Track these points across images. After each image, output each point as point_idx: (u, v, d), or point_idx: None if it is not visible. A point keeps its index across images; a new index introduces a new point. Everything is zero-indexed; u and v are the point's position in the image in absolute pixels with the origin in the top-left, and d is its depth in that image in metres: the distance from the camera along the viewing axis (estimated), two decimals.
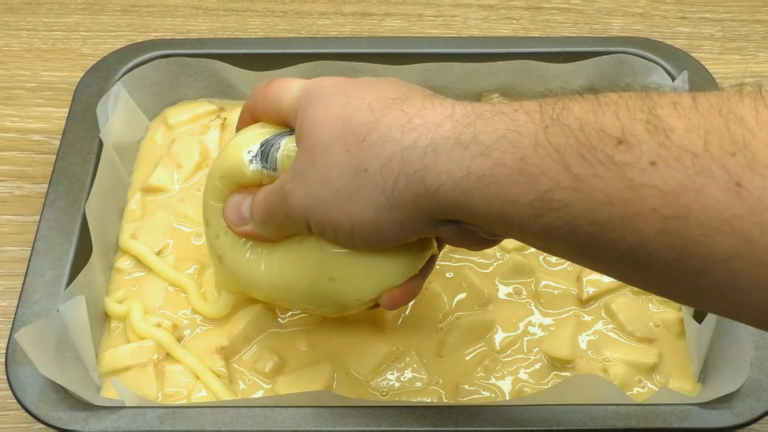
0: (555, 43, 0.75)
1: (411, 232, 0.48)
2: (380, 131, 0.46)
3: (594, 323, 0.62)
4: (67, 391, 0.55)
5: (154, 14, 0.87)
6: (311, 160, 0.48)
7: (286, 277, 0.54)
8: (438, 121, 0.45)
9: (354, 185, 0.46)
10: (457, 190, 0.43)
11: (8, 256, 0.70)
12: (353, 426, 0.54)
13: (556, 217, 0.40)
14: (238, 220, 0.54)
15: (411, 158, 0.44)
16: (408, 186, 0.45)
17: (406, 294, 0.52)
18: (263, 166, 0.53)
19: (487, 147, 0.42)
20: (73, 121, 0.69)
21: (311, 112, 0.49)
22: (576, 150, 0.39)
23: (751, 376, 0.55)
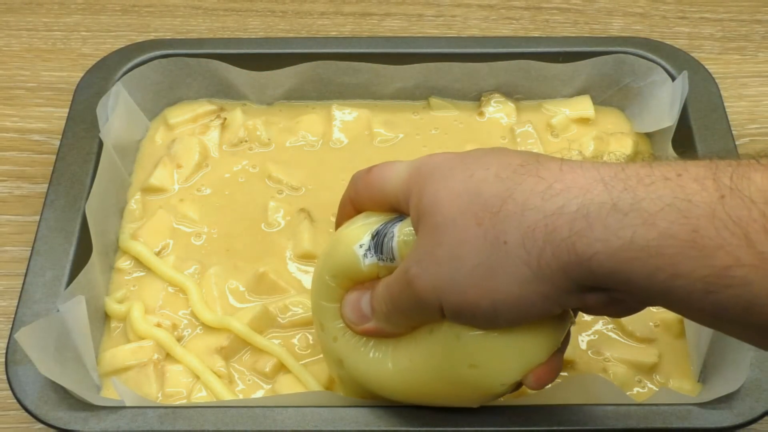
0: (555, 43, 0.75)
1: (557, 304, 0.44)
2: (516, 200, 0.43)
3: (594, 323, 0.62)
4: (67, 391, 0.55)
5: (154, 14, 0.87)
6: (438, 239, 0.45)
7: (418, 372, 0.50)
8: (586, 186, 0.42)
9: (493, 260, 0.43)
10: (615, 260, 0.40)
11: (8, 256, 0.70)
12: (353, 426, 0.54)
13: (733, 295, 0.38)
14: (359, 318, 0.51)
15: (557, 225, 0.42)
16: (555, 256, 0.42)
17: (552, 371, 0.49)
18: (379, 258, 0.50)
19: (651, 215, 0.39)
20: (73, 121, 0.69)
21: (429, 189, 0.46)
22: (761, 225, 0.37)
23: (751, 376, 0.55)
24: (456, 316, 0.46)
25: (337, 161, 0.71)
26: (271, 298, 0.63)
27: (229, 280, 0.64)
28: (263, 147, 0.72)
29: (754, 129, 0.78)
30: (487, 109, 0.74)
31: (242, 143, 0.72)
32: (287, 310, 0.62)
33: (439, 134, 0.73)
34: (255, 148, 0.72)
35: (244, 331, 0.60)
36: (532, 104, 0.75)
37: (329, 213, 0.68)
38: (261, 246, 0.66)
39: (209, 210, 0.68)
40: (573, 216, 0.41)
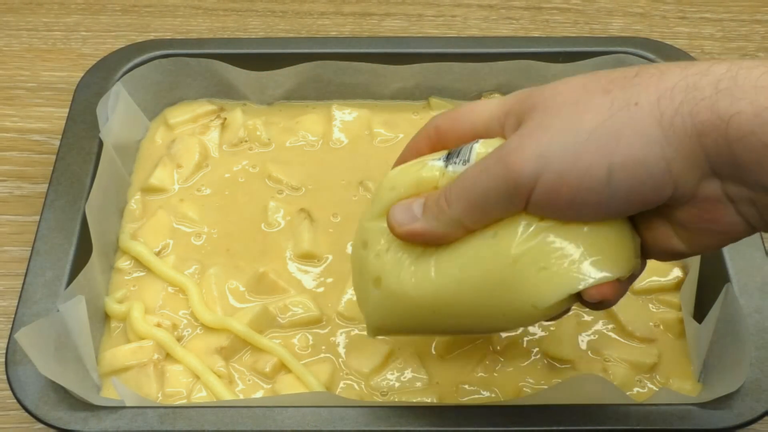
0: (555, 43, 0.75)
1: (674, 182, 0.41)
2: (653, 69, 0.42)
3: (594, 323, 0.62)
4: (67, 391, 0.55)
5: (154, 14, 0.87)
6: (553, 113, 0.42)
7: (469, 281, 0.45)
8: (731, 59, 0.41)
9: (619, 121, 0.41)
10: (759, 119, 0.38)
11: (8, 256, 0.70)
12: (353, 426, 0.54)
13: None
14: (407, 217, 0.46)
15: (700, 85, 0.40)
16: (692, 114, 0.40)
17: (614, 293, 0.45)
18: (453, 162, 0.46)
19: None
20: (73, 121, 0.69)
21: (542, 91, 0.44)
22: None
23: (751, 376, 0.55)
24: (554, 194, 0.42)
25: (337, 161, 0.71)
26: (271, 298, 0.63)
27: (229, 280, 0.64)
28: (263, 147, 0.72)
29: None
30: None
31: (242, 143, 0.72)
32: (287, 310, 0.62)
33: None
34: (255, 148, 0.72)
35: (245, 332, 0.60)
36: None
37: (329, 213, 0.68)
38: (261, 246, 0.66)
39: (209, 210, 0.68)
40: (720, 76, 0.40)
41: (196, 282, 0.64)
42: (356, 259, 0.51)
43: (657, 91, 0.41)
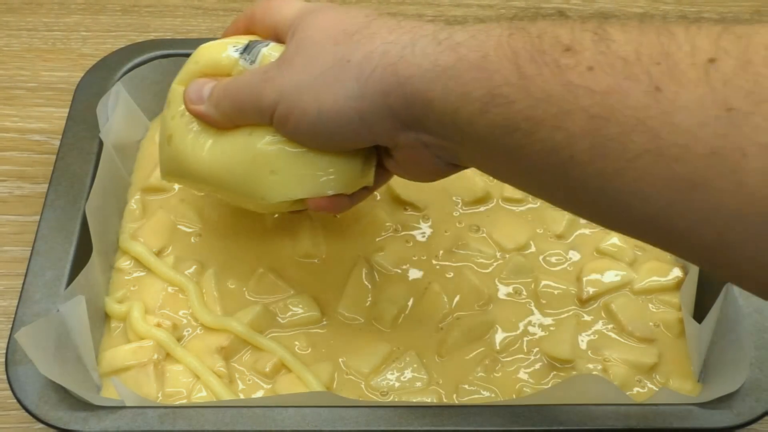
0: None
1: (368, 130, 0.50)
2: (370, 30, 0.50)
3: (594, 323, 0.62)
4: (67, 391, 0.55)
5: (154, 14, 0.87)
6: (299, 50, 0.51)
7: (228, 164, 0.55)
8: (420, 25, 0.49)
9: (333, 73, 0.49)
10: (423, 81, 0.46)
11: (8, 256, 0.70)
12: (353, 426, 0.54)
13: (499, 113, 0.43)
14: (196, 97, 0.56)
15: (391, 52, 0.48)
16: (382, 77, 0.48)
17: (332, 205, 0.56)
18: (243, 57, 0.55)
19: (458, 44, 0.46)
20: (73, 121, 0.69)
21: (311, 17, 0.53)
22: (529, 53, 0.43)
23: (751, 376, 0.55)
24: (282, 120, 0.52)
25: None
26: (271, 298, 0.63)
27: (229, 280, 0.64)
28: None
29: None
30: None
31: None
32: (287, 310, 0.62)
33: None
34: None
35: (245, 332, 0.60)
36: None
37: None
38: (261, 246, 0.66)
39: (209, 210, 0.68)
40: (404, 44, 0.48)
41: (195, 282, 0.64)
42: (163, 115, 0.60)
43: (363, 53, 0.49)
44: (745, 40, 0.38)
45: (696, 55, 0.39)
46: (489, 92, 0.44)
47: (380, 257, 0.65)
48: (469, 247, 0.66)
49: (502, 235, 0.66)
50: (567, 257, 0.65)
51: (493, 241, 0.66)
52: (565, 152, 0.42)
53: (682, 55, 0.39)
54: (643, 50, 0.40)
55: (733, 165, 0.37)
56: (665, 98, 0.38)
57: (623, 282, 0.64)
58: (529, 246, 0.66)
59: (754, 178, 0.36)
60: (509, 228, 0.66)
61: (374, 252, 0.65)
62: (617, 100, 0.40)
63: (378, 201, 0.68)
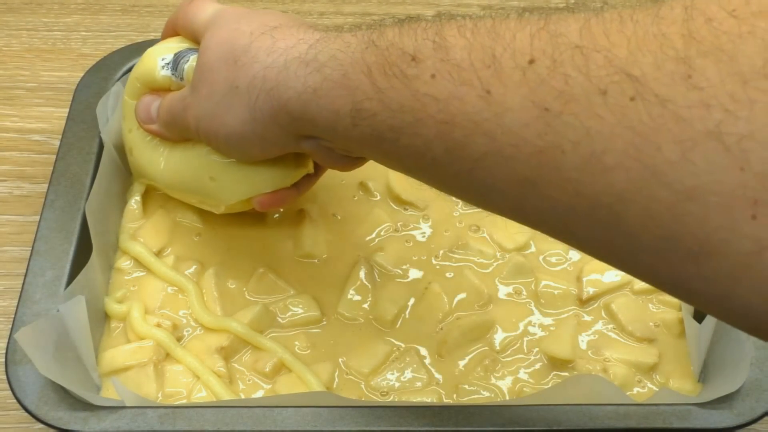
0: None
1: (274, 145, 0.55)
2: (250, 53, 0.53)
3: (594, 323, 0.62)
4: (67, 391, 0.55)
5: (154, 14, 0.87)
6: (201, 77, 0.55)
7: (179, 173, 0.62)
8: (292, 44, 0.51)
9: (227, 100, 0.53)
10: (299, 102, 0.50)
11: (8, 256, 0.70)
12: (353, 426, 0.54)
13: (367, 125, 0.46)
14: (147, 119, 0.62)
15: (269, 76, 0.51)
16: (266, 101, 0.51)
17: (274, 200, 0.60)
18: (173, 74, 0.60)
19: (322, 65, 0.49)
20: (73, 121, 0.69)
21: (209, 33, 0.56)
22: (381, 66, 0.45)
23: (751, 376, 0.55)
24: (206, 141, 0.58)
25: None
26: (271, 298, 0.63)
27: (229, 280, 0.64)
28: None
29: None
30: None
31: None
32: (287, 310, 0.62)
33: None
34: None
35: (245, 332, 0.60)
36: None
37: (329, 213, 0.68)
38: (261, 246, 0.66)
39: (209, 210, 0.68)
40: (279, 69, 0.51)
41: (195, 282, 0.64)
42: (121, 127, 0.66)
43: (247, 79, 0.52)
44: (555, 39, 0.39)
45: (517, 57, 0.40)
46: (354, 108, 0.46)
47: (380, 257, 0.65)
48: (469, 247, 0.66)
49: (502, 235, 0.66)
50: (567, 257, 0.65)
51: (493, 241, 0.66)
52: (428, 156, 0.44)
53: (507, 57, 0.40)
54: (475, 55, 0.41)
55: (556, 162, 0.38)
56: (495, 101, 0.40)
57: (623, 282, 0.64)
58: (529, 246, 0.66)
59: (574, 174, 0.38)
60: (509, 228, 0.66)
61: (374, 252, 0.65)
62: (456, 106, 0.41)
63: (378, 201, 0.69)
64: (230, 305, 0.63)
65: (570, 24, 0.39)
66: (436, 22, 0.45)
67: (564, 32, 0.39)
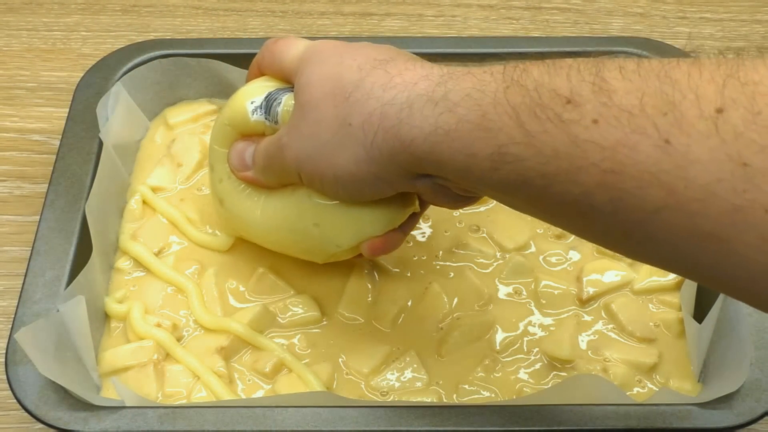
0: (555, 43, 0.75)
1: (388, 185, 0.52)
2: (364, 89, 0.50)
3: (594, 323, 0.62)
4: (67, 391, 0.55)
5: (154, 14, 0.87)
6: (304, 116, 0.52)
7: (278, 221, 0.59)
8: (415, 80, 0.48)
9: (339, 139, 0.50)
10: (427, 144, 0.46)
11: (8, 256, 0.70)
12: (353, 426, 0.54)
13: (511, 170, 0.43)
14: (241, 166, 0.59)
15: (389, 114, 0.48)
16: (385, 140, 0.48)
17: (385, 245, 0.57)
18: (266, 118, 0.57)
19: (455, 104, 0.46)
20: (73, 121, 0.69)
21: (308, 70, 0.53)
22: (530, 108, 0.42)
23: (751, 376, 0.55)
24: (309, 183, 0.54)
25: None
26: (271, 298, 0.63)
27: (228, 279, 0.64)
28: None
29: None
30: None
31: None
32: (287, 310, 0.62)
33: None
34: None
35: (245, 332, 0.60)
36: None
37: None
38: (261, 246, 0.66)
39: (210, 210, 0.68)
40: (401, 106, 0.48)
41: (195, 282, 0.64)
42: (209, 176, 0.63)
43: (361, 116, 0.49)
44: (751, 88, 0.37)
45: (702, 105, 0.37)
46: (496, 151, 0.43)
47: (380, 257, 0.65)
48: (469, 247, 0.66)
49: (502, 235, 0.66)
50: (567, 257, 0.65)
51: (493, 241, 0.66)
52: (584, 205, 0.41)
53: (687, 104, 0.38)
54: (647, 100, 0.39)
55: (756, 221, 0.36)
56: (676, 151, 0.38)
57: (623, 282, 0.64)
58: (529, 246, 0.66)
59: None
60: (509, 228, 0.66)
61: None
62: (627, 154, 0.39)
63: None
64: (230, 305, 0.63)
65: (762, 74, 0.37)
66: (588, 62, 0.43)
67: (758, 81, 0.37)
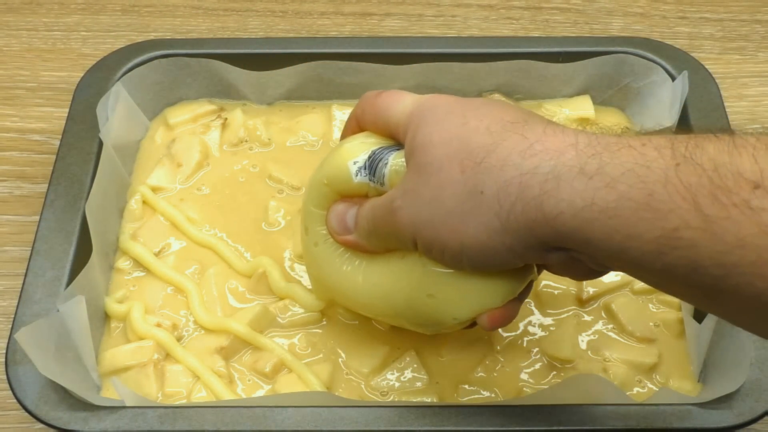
0: (555, 43, 0.75)
1: (519, 257, 0.47)
2: (499, 155, 0.46)
3: (594, 323, 0.62)
4: (67, 391, 0.55)
5: (154, 14, 0.87)
6: (424, 179, 0.48)
7: (384, 290, 0.53)
8: (560, 149, 0.44)
9: (468, 207, 0.46)
10: (577, 220, 0.43)
11: (8, 256, 0.70)
12: (353, 426, 0.54)
13: (680, 256, 0.40)
14: (342, 229, 0.54)
15: (530, 184, 0.44)
16: (524, 212, 0.44)
17: (505, 316, 0.52)
18: (370, 179, 0.53)
19: (613, 179, 0.42)
20: (73, 121, 0.69)
21: (425, 129, 0.49)
22: (709, 191, 0.39)
23: (751, 376, 0.55)
24: (427, 250, 0.49)
25: None
26: (271, 297, 0.63)
27: (228, 279, 0.64)
28: (263, 147, 0.72)
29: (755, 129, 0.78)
30: None
31: (242, 143, 0.72)
32: (287, 310, 0.62)
33: None
34: (255, 148, 0.72)
35: (245, 333, 0.60)
36: (533, 104, 0.75)
37: None
38: (261, 245, 0.66)
39: (210, 209, 0.68)
40: (545, 176, 0.44)
41: (196, 283, 0.64)
42: (302, 239, 0.59)
43: (497, 184, 0.45)
44: None
45: None
46: (664, 235, 0.40)
47: None
48: None
49: None
50: None
51: None
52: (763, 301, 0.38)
53: None
54: None
55: None
56: None
57: (623, 282, 0.64)
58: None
59: None
60: None
61: None
62: None
63: None
64: (230, 305, 0.63)
65: None
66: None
67: None
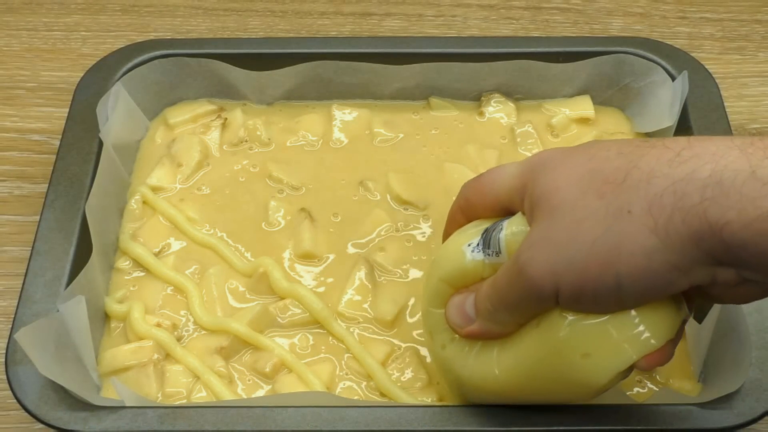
0: (555, 43, 0.75)
1: (685, 277, 0.43)
2: (642, 169, 0.42)
3: None
4: (67, 391, 0.55)
5: (154, 14, 0.87)
6: (554, 223, 0.44)
7: (527, 370, 0.49)
8: (718, 153, 0.41)
9: (616, 231, 0.42)
10: (750, 231, 0.39)
11: (8, 256, 0.70)
12: (353, 426, 0.54)
13: None
14: (464, 320, 0.51)
15: (687, 191, 0.41)
16: (685, 223, 0.41)
17: (664, 357, 0.47)
18: (485, 253, 0.50)
19: None
20: (73, 121, 0.69)
21: (545, 178, 0.46)
22: None
23: (751, 376, 0.55)
24: (575, 299, 0.45)
25: (337, 161, 0.71)
26: (271, 297, 0.63)
27: (229, 279, 0.64)
28: (263, 147, 0.72)
29: (755, 129, 0.78)
30: (487, 109, 0.74)
31: (242, 143, 0.72)
32: (287, 310, 0.62)
33: (439, 134, 0.73)
34: (255, 148, 0.72)
35: (245, 332, 0.60)
36: (532, 104, 0.75)
37: (329, 212, 0.68)
38: (261, 245, 0.66)
39: (210, 209, 0.68)
40: (705, 182, 0.40)
41: (196, 283, 0.64)
42: (428, 346, 0.57)
43: (647, 199, 0.42)
44: None
45: None
46: None
47: (380, 257, 0.65)
48: None
49: None
50: None
51: None
52: None
53: None
54: None
55: None
56: None
57: None
58: None
59: None
60: None
61: (374, 252, 0.65)
62: None
63: (378, 201, 0.68)
64: (230, 305, 0.63)
65: None
66: None
67: None
